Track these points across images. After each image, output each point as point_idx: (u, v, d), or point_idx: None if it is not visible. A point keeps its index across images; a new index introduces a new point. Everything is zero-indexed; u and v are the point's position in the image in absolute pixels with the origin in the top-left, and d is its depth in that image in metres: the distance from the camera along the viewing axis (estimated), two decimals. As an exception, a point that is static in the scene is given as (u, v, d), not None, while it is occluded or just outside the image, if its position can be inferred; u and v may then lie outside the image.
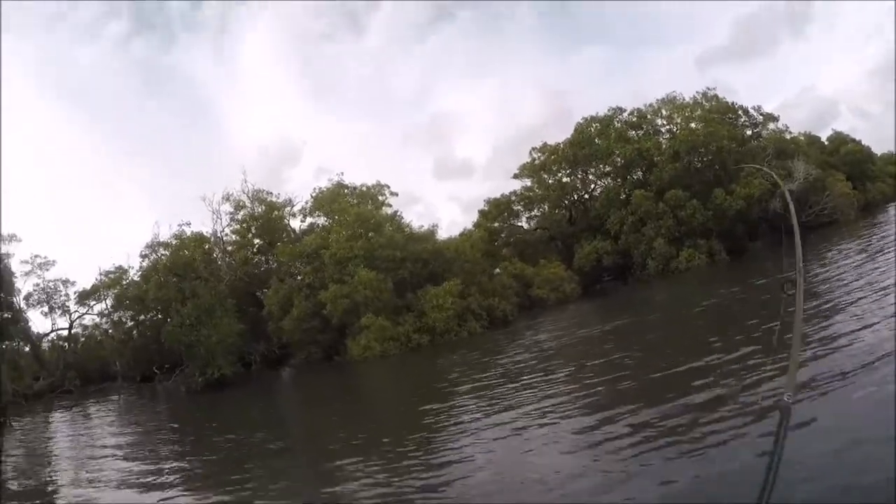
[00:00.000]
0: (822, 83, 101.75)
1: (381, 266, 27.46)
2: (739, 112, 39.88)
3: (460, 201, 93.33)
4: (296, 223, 36.14)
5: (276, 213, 35.44)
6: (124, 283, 36.27)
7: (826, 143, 53.00)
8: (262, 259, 36.53)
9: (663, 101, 39.95)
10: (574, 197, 40.77)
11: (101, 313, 38.35)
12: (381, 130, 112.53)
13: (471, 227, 39.54)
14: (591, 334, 17.79)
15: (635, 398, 8.32)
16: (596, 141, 37.97)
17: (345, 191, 33.73)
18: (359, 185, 34.03)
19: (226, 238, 35.93)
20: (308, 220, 35.28)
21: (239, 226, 35.95)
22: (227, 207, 35.12)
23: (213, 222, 34.73)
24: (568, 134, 40.00)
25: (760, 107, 40.35)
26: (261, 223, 35.38)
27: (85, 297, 37.90)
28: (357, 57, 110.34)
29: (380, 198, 33.42)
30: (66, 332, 38.34)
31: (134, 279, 35.54)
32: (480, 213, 40.00)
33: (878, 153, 58.59)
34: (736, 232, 34.88)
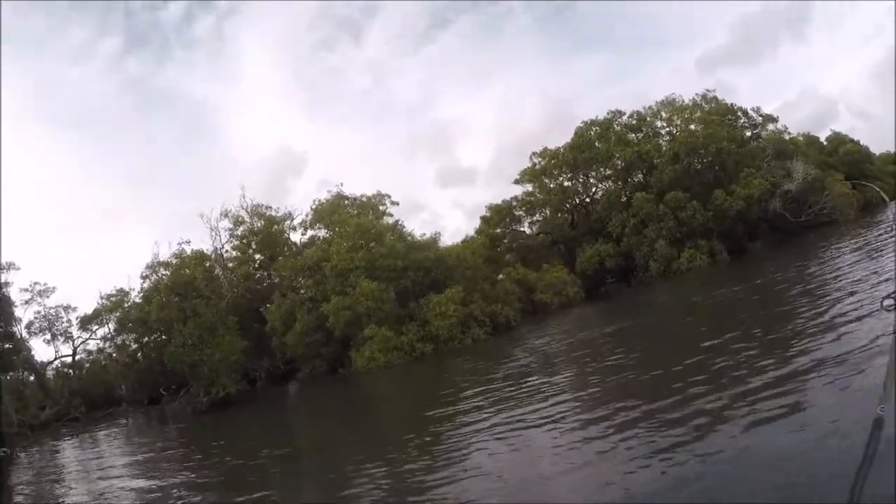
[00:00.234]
0: (822, 84, 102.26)
1: (383, 276, 27.35)
2: (739, 113, 39.98)
3: (464, 208, 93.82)
4: (296, 236, 36.10)
5: (275, 227, 35.37)
6: (126, 305, 36.13)
7: (825, 144, 53.14)
8: (263, 274, 36.39)
9: (662, 104, 40.05)
10: (575, 200, 40.71)
11: (104, 337, 38.15)
12: (384, 139, 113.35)
13: (473, 233, 39.62)
14: (593, 337, 17.68)
15: (637, 399, 8.24)
16: (596, 144, 37.97)
17: (345, 202, 33.73)
18: (359, 196, 34.08)
19: (226, 255, 35.91)
20: (309, 233, 35.28)
21: (239, 242, 35.86)
22: (226, 223, 35.13)
23: (213, 239, 34.74)
24: (569, 138, 40.09)
25: (760, 108, 40.48)
26: (261, 238, 35.29)
27: (87, 322, 37.77)
28: (357, 66, 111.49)
29: (380, 207, 33.44)
30: (69, 359, 38.20)
31: (136, 301, 35.40)
32: (482, 220, 39.93)
33: (876, 153, 58.93)
34: (736, 232, 34.82)
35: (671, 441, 6.14)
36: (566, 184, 39.83)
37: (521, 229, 40.54)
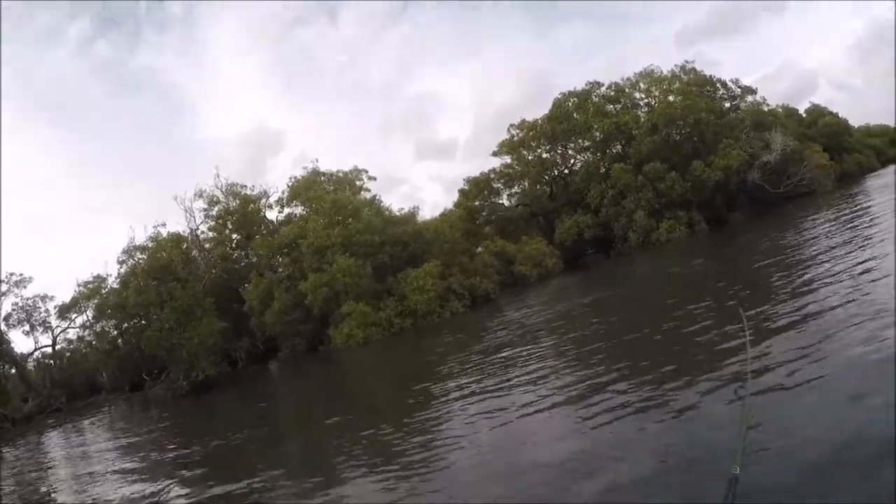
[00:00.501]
0: (801, 57, 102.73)
1: (360, 252, 27.05)
2: (717, 85, 39.85)
3: (444, 181, 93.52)
4: (273, 215, 35.62)
5: (251, 206, 34.80)
6: (104, 291, 35.73)
7: (804, 116, 53.39)
8: (241, 254, 35.96)
9: (641, 75, 39.79)
10: (554, 172, 40.52)
11: (83, 325, 37.74)
12: (363, 115, 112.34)
13: (452, 207, 39.34)
14: (571, 308, 17.63)
15: (615, 368, 8.19)
16: (574, 116, 37.65)
17: (321, 178, 33.21)
18: (335, 172, 33.55)
19: (203, 236, 35.41)
20: (285, 211, 34.77)
21: (215, 222, 35.34)
22: (201, 204, 34.54)
23: (188, 221, 34.21)
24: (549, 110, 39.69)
25: (738, 79, 40.36)
26: (237, 217, 34.75)
27: (65, 311, 37.37)
28: (333, 42, 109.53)
29: (357, 183, 33.03)
30: (49, 350, 37.78)
31: (113, 287, 35.03)
32: (460, 193, 39.63)
33: (855, 126, 59.47)
34: (715, 203, 34.95)
35: (648, 403, 6.18)
36: (544, 155, 39.64)
37: (500, 202, 40.38)
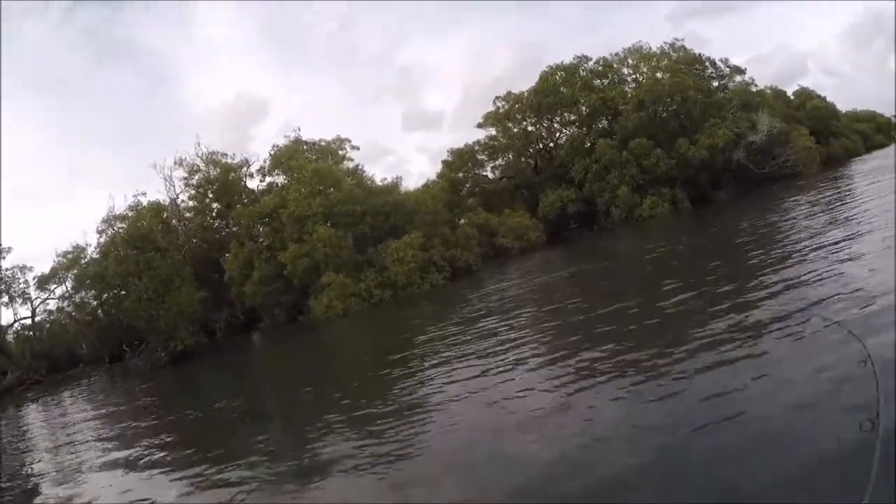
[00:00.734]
0: (793, 41, 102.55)
1: (341, 222, 26.76)
2: (706, 63, 39.65)
3: (431, 152, 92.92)
4: (254, 184, 35.02)
5: (232, 174, 34.15)
6: (83, 262, 35.28)
7: (792, 98, 53.46)
8: (221, 223, 35.43)
9: (629, 51, 39.44)
10: (539, 145, 40.23)
11: (62, 296, 37.25)
12: (351, 84, 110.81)
13: (435, 178, 39.01)
14: (550, 280, 17.71)
15: (593, 338, 8.20)
16: (561, 89, 37.27)
17: (303, 147, 32.64)
18: (317, 141, 32.97)
19: (183, 205, 34.82)
20: (267, 180, 34.18)
21: (195, 191, 34.68)
22: (181, 173, 33.87)
23: (167, 189, 33.63)
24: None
25: (728, 59, 40.22)
26: (217, 186, 34.13)
27: (45, 282, 36.86)
28: (321, 10, 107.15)
29: (340, 153, 32.49)
30: (29, 321, 37.11)
31: (93, 257, 34.55)
32: (444, 164, 39.29)
33: (843, 111, 59.70)
34: (700, 181, 34.98)
35: (627, 377, 6.14)
36: (530, 128, 39.27)
37: (484, 174, 40.14)
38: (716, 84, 39.69)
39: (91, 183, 75.92)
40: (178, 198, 34.15)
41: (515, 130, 38.69)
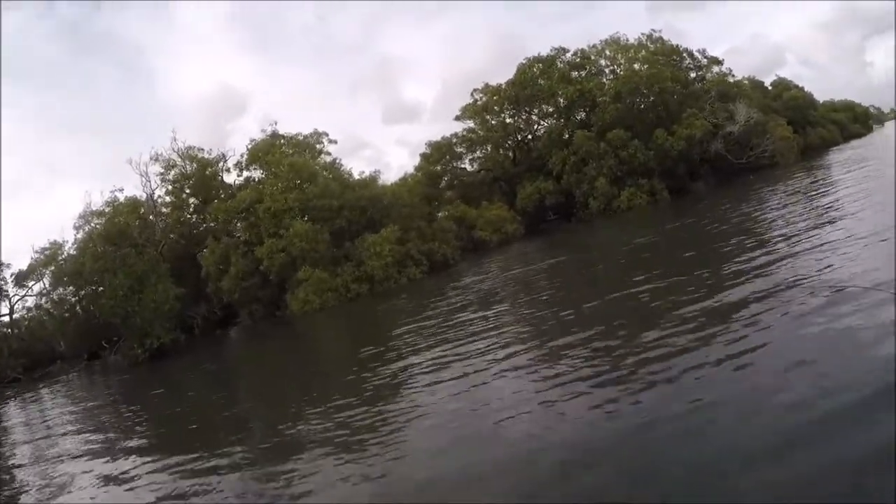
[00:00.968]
0: (770, 32, 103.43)
1: (318, 216, 26.58)
2: (684, 55, 39.88)
3: (409, 145, 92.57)
4: (231, 178, 34.63)
5: (209, 170, 33.73)
6: (60, 258, 34.67)
7: (769, 89, 53.98)
8: (198, 219, 35.06)
9: (607, 42, 39.49)
10: (517, 138, 40.25)
11: (40, 293, 36.60)
12: (330, 77, 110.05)
13: (413, 171, 38.88)
14: (527, 272, 17.86)
15: (570, 329, 8.30)
16: (539, 81, 37.27)
17: (280, 141, 32.30)
18: (295, 135, 32.66)
19: (160, 200, 34.46)
20: (244, 175, 33.80)
21: (171, 186, 34.31)
22: (157, 168, 33.47)
23: (143, 185, 33.25)
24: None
25: (705, 50, 40.58)
26: (194, 182, 33.75)
27: (22, 279, 36.27)
28: (299, 2, 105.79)
29: (317, 146, 32.21)
30: (7, 318, 36.58)
31: (70, 253, 33.97)
32: (422, 157, 39.21)
33: (820, 101, 60.50)
34: (677, 172, 35.21)
35: (600, 370, 6.25)
36: (508, 121, 39.33)
37: (462, 166, 40.13)
38: (693, 75, 39.99)
39: (69, 178, 74.56)
40: (154, 193, 33.86)
41: (493, 123, 38.68)
